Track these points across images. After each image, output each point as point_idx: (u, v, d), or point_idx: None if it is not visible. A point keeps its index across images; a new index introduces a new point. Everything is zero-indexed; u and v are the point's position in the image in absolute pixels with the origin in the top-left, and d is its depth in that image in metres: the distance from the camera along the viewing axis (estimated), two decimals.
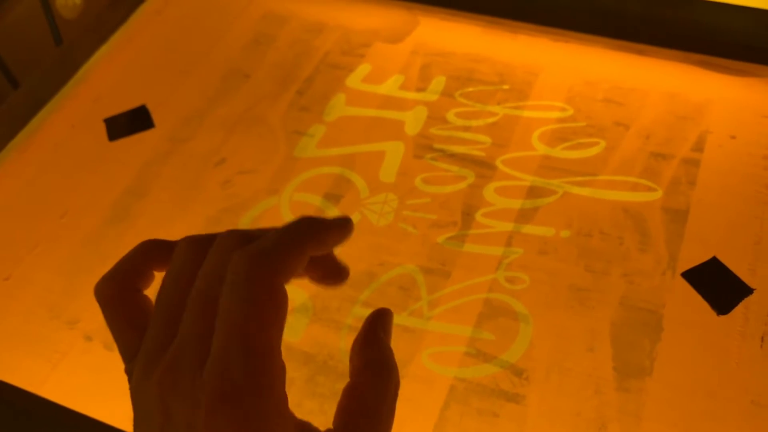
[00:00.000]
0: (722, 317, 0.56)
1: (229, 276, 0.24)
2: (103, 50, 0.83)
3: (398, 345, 0.57)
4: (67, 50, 0.84)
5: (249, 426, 0.23)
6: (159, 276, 0.28)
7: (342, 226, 0.28)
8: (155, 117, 0.75)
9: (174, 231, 0.66)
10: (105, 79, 0.80)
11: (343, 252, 0.67)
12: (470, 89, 0.73)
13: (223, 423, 0.22)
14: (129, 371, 0.27)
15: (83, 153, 0.74)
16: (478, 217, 0.64)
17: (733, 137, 0.67)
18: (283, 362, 0.24)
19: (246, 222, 0.66)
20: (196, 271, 0.26)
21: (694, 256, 0.59)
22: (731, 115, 0.68)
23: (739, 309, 0.56)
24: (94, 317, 0.61)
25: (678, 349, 0.55)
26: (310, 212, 0.66)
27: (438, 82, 0.74)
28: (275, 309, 0.24)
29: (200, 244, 0.27)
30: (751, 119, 0.68)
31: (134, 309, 0.28)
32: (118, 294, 0.28)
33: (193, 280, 0.26)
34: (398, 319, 0.58)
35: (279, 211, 0.66)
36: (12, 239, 0.68)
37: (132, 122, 0.75)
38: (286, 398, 0.24)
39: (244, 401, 0.23)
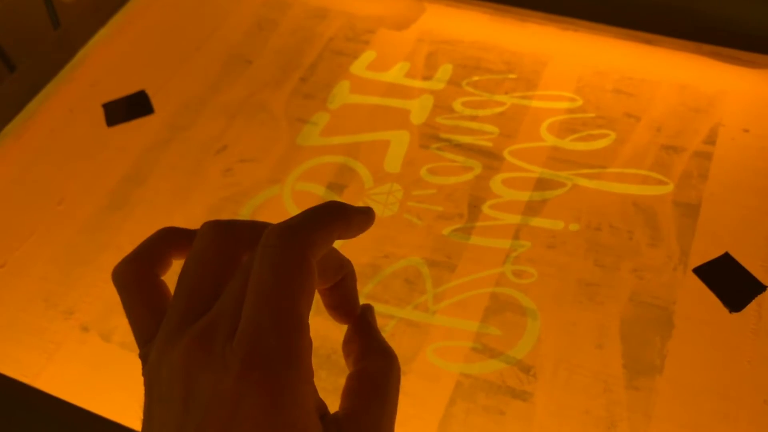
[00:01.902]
0: (735, 315, 0.55)
1: (260, 248, 0.25)
2: (102, 34, 0.81)
3: (402, 339, 0.56)
4: (64, 34, 0.83)
5: (277, 393, 0.23)
6: (176, 264, 0.28)
7: (366, 213, 0.29)
8: (155, 102, 0.74)
9: (173, 220, 0.64)
10: (103, 64, 0.78)
11: (347, 243, 0.66)
12: (477, 78, 0.72)
13: (253, 388, 0.22)
14: (144, 355, 0.26)
15: (81, 139, 0.72)
16: (485, 209, 0.62)
17: (746, 130, 0.65)
18: (310, 338, 0.24)
19: (247, 211, 0.64)
20: (220, 252, 0.26)
21: (705, 252, 0.58)
22: (744, 108, 0.67)
23: (752, 306, 0.55)
24: (90, 307, 0.60)
25: (689, 347, 0.53)
26: (313, 202, 0.64)
27: (444, 71, 0.73)
28: (305, 280, 0.24)
29: (225, 226, 0.27)
30: (765, 112, 0.66)
31: (152, 292, 0.28)
32: (136, 277, 0.28)
33: (216, 261, 0.26)
34: (403, 313, 0.57)
35: (281, 200, 0.65)
36: (7, 227, 0.66)
37: (131, 108, 0.74)
38: (313, 372, 0.24)
39: (275, 368, 0.23)
